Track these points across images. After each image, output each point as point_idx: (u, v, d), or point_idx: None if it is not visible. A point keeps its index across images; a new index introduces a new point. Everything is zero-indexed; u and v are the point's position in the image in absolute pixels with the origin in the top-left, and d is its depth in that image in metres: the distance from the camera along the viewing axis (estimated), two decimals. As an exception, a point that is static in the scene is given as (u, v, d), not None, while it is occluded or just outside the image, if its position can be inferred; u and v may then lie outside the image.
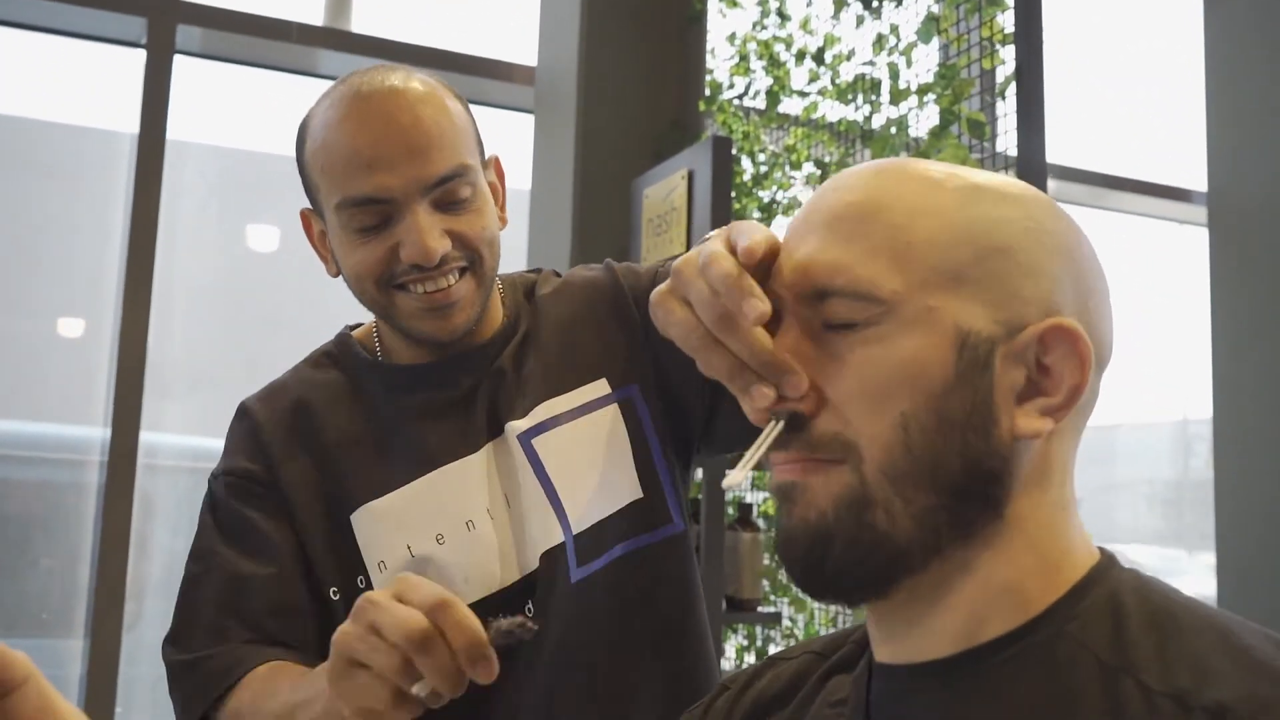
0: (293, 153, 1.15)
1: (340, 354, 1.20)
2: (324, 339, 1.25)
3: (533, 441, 1.12)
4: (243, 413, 1.18)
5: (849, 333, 0.63)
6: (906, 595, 0.65)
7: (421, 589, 0.73)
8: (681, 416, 1.19)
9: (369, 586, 1.09)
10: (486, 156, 1.15)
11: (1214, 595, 3.67)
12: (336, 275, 1.13)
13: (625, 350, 1.18)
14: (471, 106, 1.15)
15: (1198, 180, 4.03)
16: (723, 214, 2.38)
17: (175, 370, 3.37)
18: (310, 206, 1.14)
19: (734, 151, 2.81)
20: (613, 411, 1.16)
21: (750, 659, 2.81)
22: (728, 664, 2.81)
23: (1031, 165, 1.93)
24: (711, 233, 0.75)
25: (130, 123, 2.84)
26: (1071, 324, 0.62)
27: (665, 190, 2.60)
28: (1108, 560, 0.67)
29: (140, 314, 2.72)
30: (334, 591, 1.10)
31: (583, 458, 1.13)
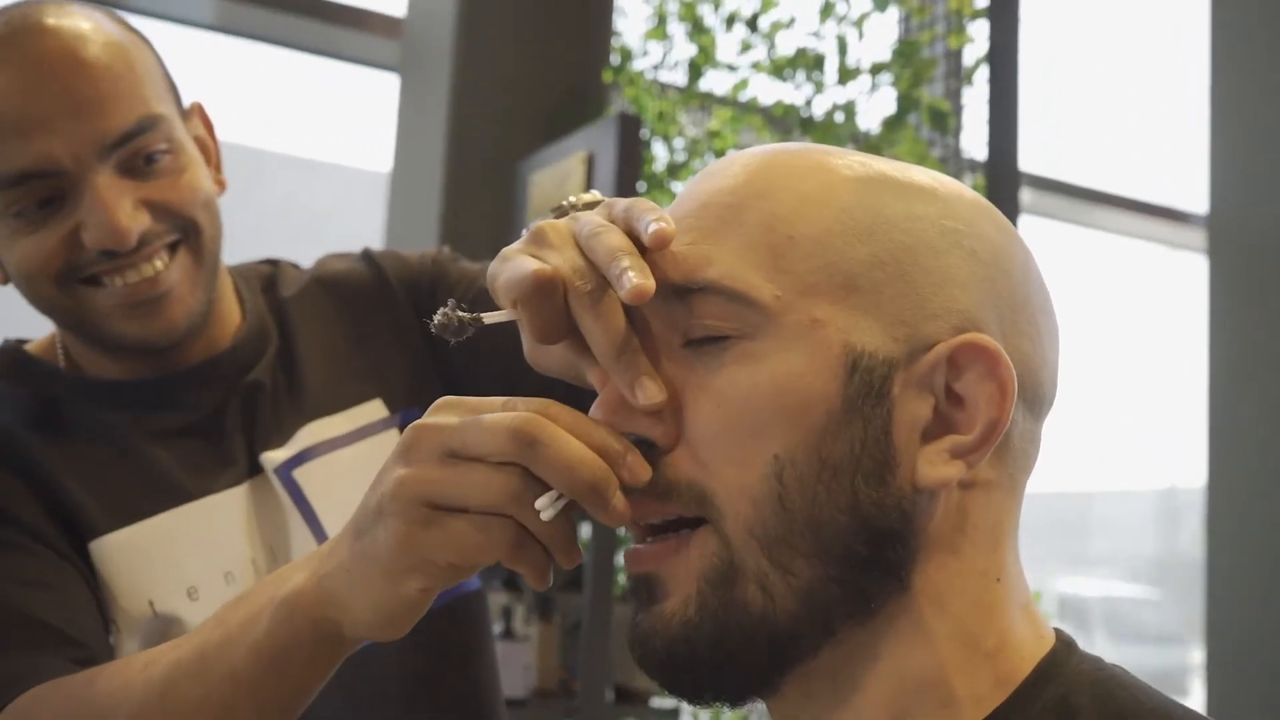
0: None
1: (13, 367, 1.10)
2: None
3: (293, 474, 1.07)
4: None
5: (715, 349, 0.61)
6: (800, 693, 0.63)
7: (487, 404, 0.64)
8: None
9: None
10: (186, 105, 1.09)
11: (1203, 702, 3.76)
12: (4, 282, 1.05)
13: (402, 363, 1.15)
14: (324, 60, 1.10)
15: (1195, 201, 4.17)
16: (627, 209, 2.38)
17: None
18: None
19: (645, 134, 2.82)
20: (391, 438, 1.12)
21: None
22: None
23: (1001, 163, 1.95)
24: (573, 202, 0.73)
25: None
26: (988, 341, 0.60)
27: (558, 176, 2.59)
28: (1063, 649, 0.65)
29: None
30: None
31: (356, 495, 1.06)
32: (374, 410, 1.13)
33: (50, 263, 0.99)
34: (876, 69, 2.16)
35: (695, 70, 2.70)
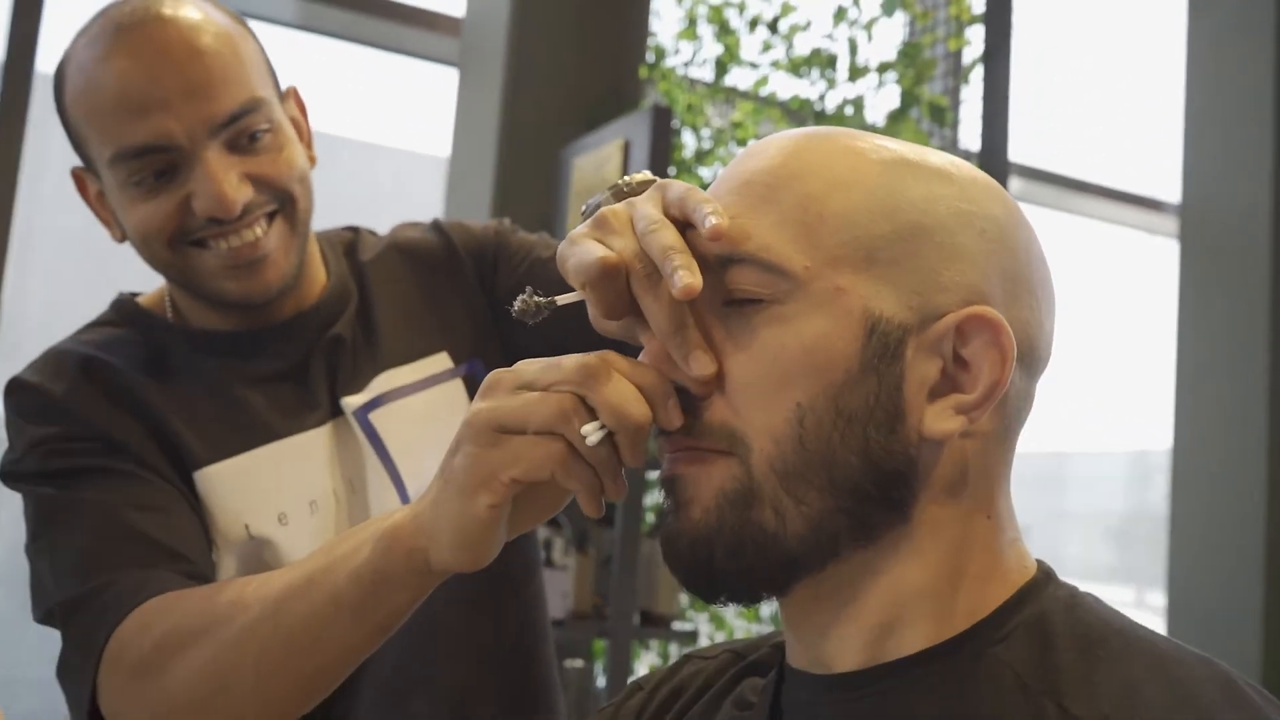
0: None
1: (128, 317, 1.12)
2: None
3: (369, 417, 1.09)
4: (17, 387, 1.08)
5: (751, 310, 0.63)
6: (809, 596, 0.65)
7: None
8: None
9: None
10: (284, 89, 1.11)
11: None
12: (122, 240, 1.07)
13: (467, 322, 1.17)
14: (391, 55, 1.12)
15: (1171, 191, 4.15)
16: (659, 190, 2.40)
17: (28, 330, 3.30)
18: (81, 164, 1.06)
19: (676, 124, 2.83)
20: (456, 387, 1.14)
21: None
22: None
23: (993, 154, 1.97)
24: (628, 181, 0.74)
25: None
26: (993, 314, 0.61)
27: (598, 161, 2.61)
28: (1043, 576, 0.67)
29: (-6, 263, 2.66)
30: None
31: (425, 435, 1.09)
32: (440, 362, 1.15)
33: (165, 226, 1.01)
34: (883, 68, 2.18)
35: (721, 67, 2.71)
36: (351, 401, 1.09)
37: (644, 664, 2.84)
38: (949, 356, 0.62)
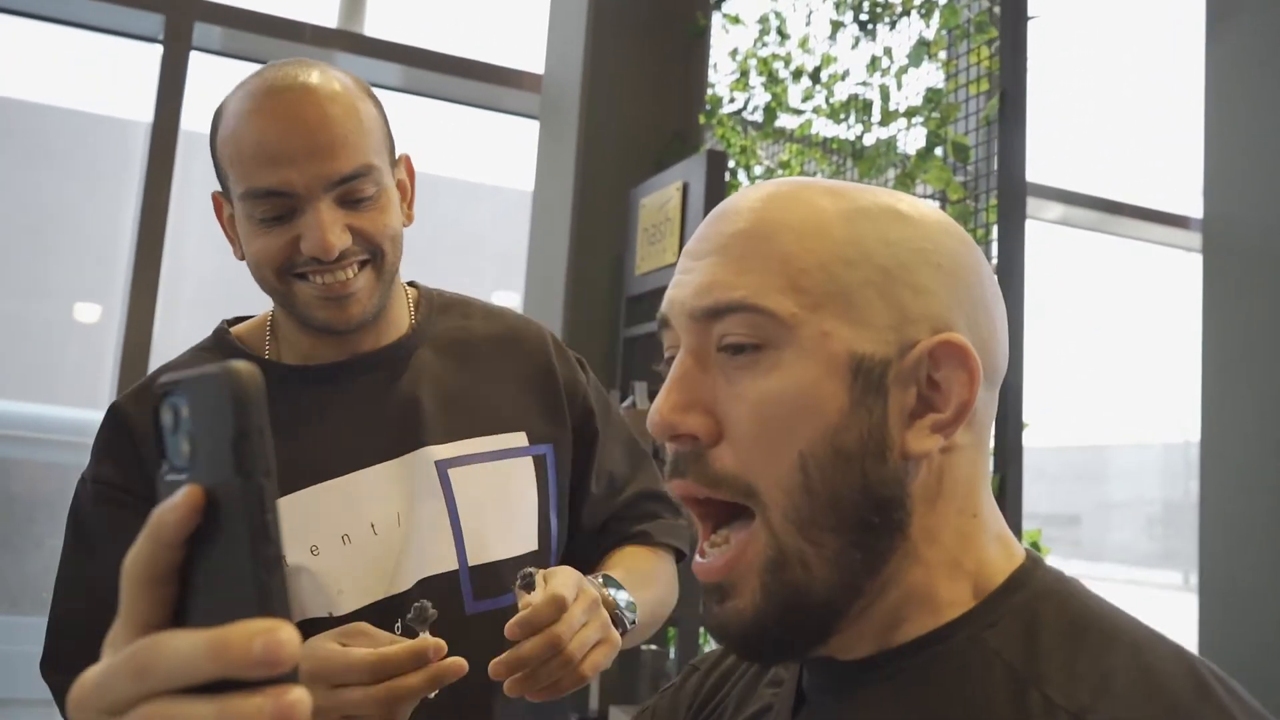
0: None
1: (223, 345, 1.17)
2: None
3: (449, 471, 1.12)
4: (112, 413, 1.12)
5: (748, 361, 0.62)
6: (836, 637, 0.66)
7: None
8: (568, 494, 1.23)
9: None
10: (398, 155, 1.16)
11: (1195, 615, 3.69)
12: (243, 259, 1.13)
13: (546, 414, 1.21)
14: (480, 111, 1.17)
15: (1195, 208, 4.05)
16: (715, 225, 2.42)
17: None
18: (221, 190, 1.13)
19: (731, 165, 2.85)
20: (526, 464, 1.18)
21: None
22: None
23: (1011, 186, 1.96)
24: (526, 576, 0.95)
25: (145, 113, 2.89)
26: (959, 339, 0.61)
27: (661, 200, 2.63)
28: (1030, 564, 0.66)
29: (147, 301, 2.77)
30: None
31: (491, 499, 1.14)
32: (518, 439, 1.18)
33: (275, 258, 1.07)
34: (910, 113, 2.17)
35: (770, 113, 2.72)
36: (437, 451, 1.12)
37: (711, 644, 2.85)
38: (923, 382, 0.62)
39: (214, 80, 3.14)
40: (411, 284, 1.26)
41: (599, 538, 1.25)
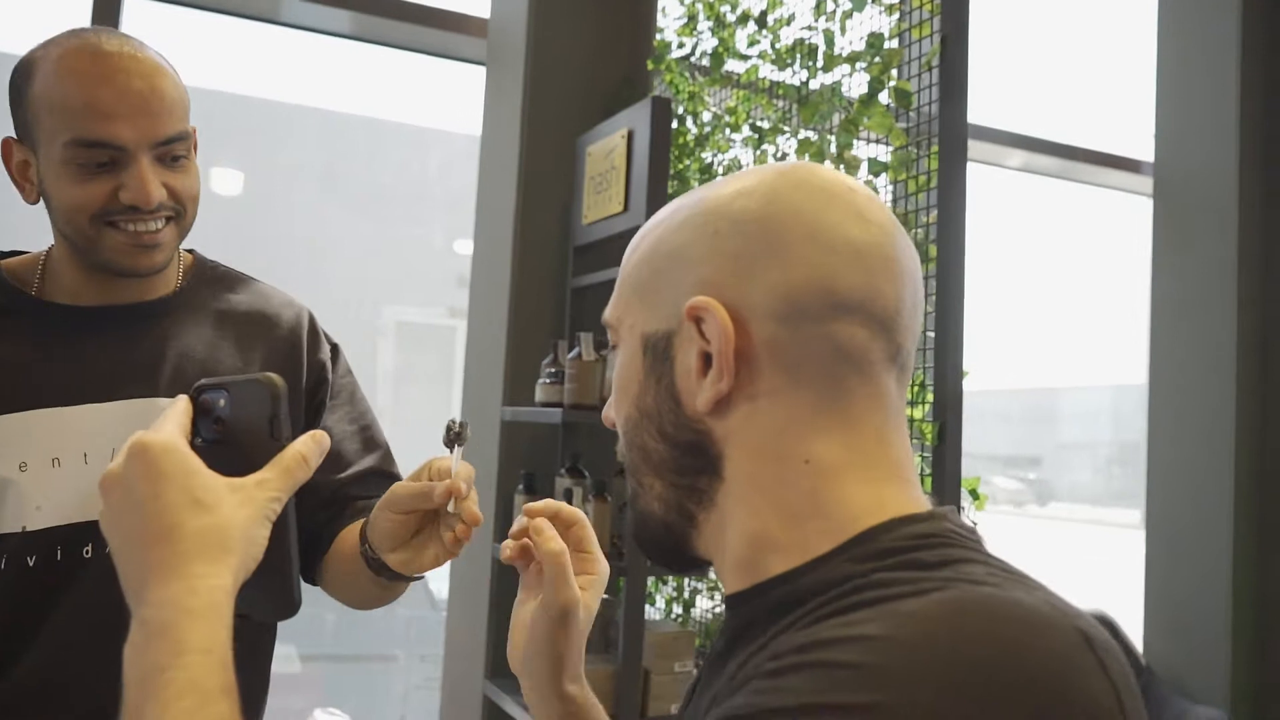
0: (244, 95, 1.21)
1: None
2: (293, 279, 1.30)
3: None
4: None
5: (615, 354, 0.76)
6: (708, 557, 0.73)
7: None
8: None
9: None
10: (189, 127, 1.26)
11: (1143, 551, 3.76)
12: (35, 203, 1.22)
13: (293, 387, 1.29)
14: (427, 57, 1.24)
15: (1147, 151, 4.06)
16: (660, 174, 2.40)
17: None
18: (15, 136, 1.21)
19: (680, 112, 2.82)
20: None
21: (678, 610, 2.86)
22: (657, 614, 2.87)
23: (953, 131, 1.95)
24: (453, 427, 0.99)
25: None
26: (699, 300, 0.67)
27: (606, 149, 2.60)
28: (903, 521, 0.64)
29: None
30: None
31: None
32: None
33: (92, 205, 1.16)
34: (853, 57, 2.15)
35: (717, 59, 2.69)
36: (164, 405, 1.22)
37: (662, 597, 2.87)
38: (700, 342, 0.68)
39: (153, 26, 3.04)
40: (190, 252, 1.37)
41: (328, 510, 1.33)
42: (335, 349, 1.41)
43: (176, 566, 0.63)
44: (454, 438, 0.92)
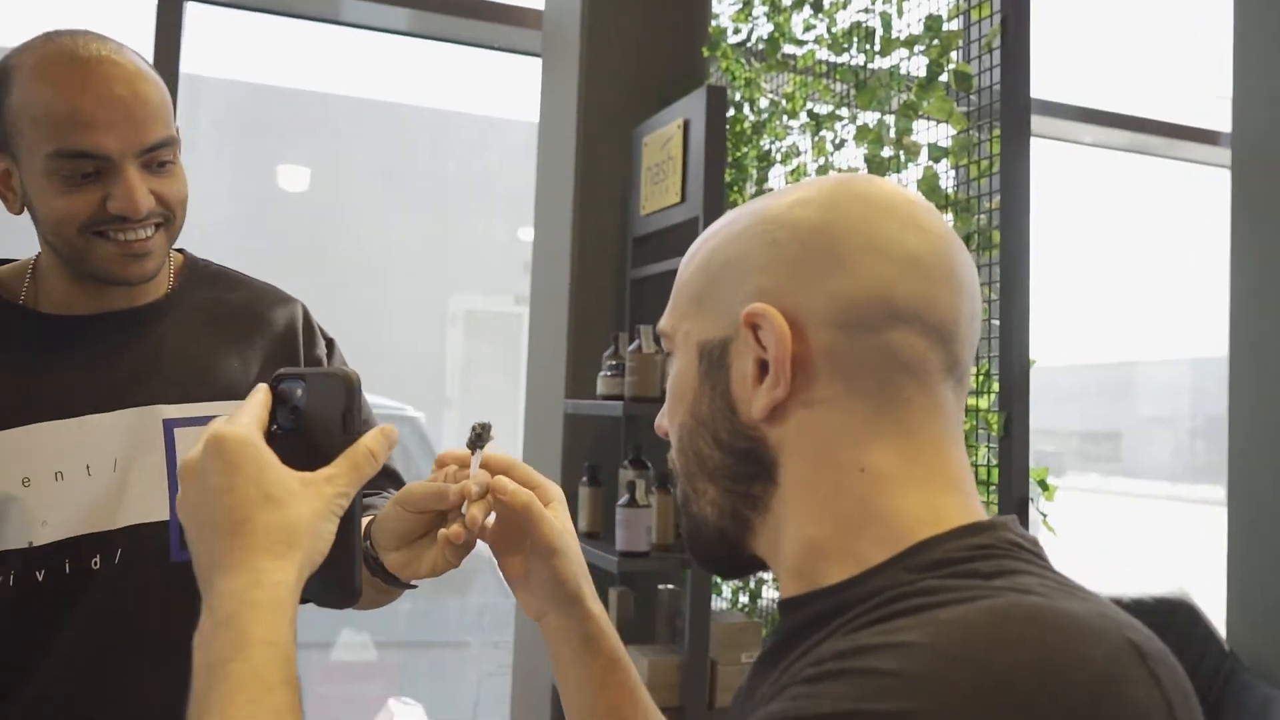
0: (308, 90, 1.20)
1: None
2: (361, 272, 1.29)
3: (175, 429, 1.21)
4: None
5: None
6: (765, 562, 0.73)
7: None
8: None
9: None
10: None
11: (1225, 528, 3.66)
12: (19, 213, 1.19)
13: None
14: (481, 50, 1.21)
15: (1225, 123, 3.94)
16: (717, 164, 2.38)
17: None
18: None
19: (736, 99, 2.79)
20: None
21: (744, 600, 2.85)
22: (723, 604, 2.86)
23: (1015, 113, 1.90)
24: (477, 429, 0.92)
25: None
26: (758, 306, 0.67)
27: (663, 139, 2.59)
28: (966, 530, 0.63)
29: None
30: None
31: None
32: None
33: (79, 215, 1.13)
34: (911, 41, 2.11)
35: (773, 44, 2.66)
36: (166, 411, 1.21)
37: (728, 587, 2.86)
38: (758, 349, 0.67)
39: (217, 30, 3.09)
40: (180, 251, 1.34)
41: None
42: (331, 343, 1.39)
43: (244, 560, 0.66)
44: (475, 439, 0.91)
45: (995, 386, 1.89)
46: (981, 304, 0.87)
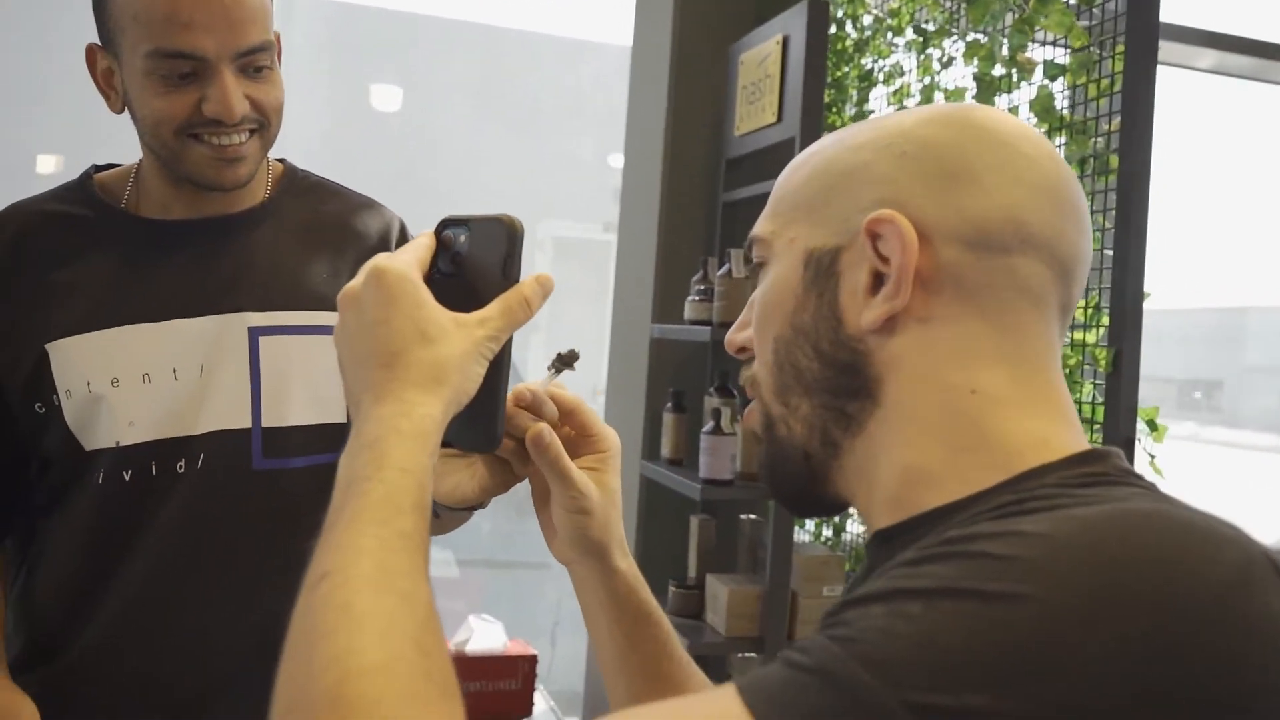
0: (401, 10, 1.19)
1: (83, 192, 1.26)
2: (449, 196, 1.27)
3: (260, 337, 1.22)
4: None
5: (761, 276, 0.73)
6: (849, 494, 0.69)
7: None
8: None
9: (58, 407, 1.17)
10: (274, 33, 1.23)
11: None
12: (120, 112, 1.20)
13: None
14: None
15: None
16: (817, 83, 2.28)
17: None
18: (99, 43, 1.19)
19: (839, 15, 2.68)
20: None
21: (828, 533, 2.81)
22: (806, 536, 2.82)
23: (1142, 30, 1.78)
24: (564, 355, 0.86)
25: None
26: (886, 212, 0.64)
27: (760, 56, 2.49)
28: (1076, 458, 0.61)
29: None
30: (39, 406, 1.18)
31: (296, 369, 1.23)
32: (333, 319, 1.24)
33: (176, 117, 1.14)
34: (1030, -51, 1.98)
35: (880, -44, 2.53)
36: (252, 318, 1.22)
37: (811, 520, 2.82)
38: (874, 259, 0.65)
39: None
40: (281, 161, 1.34)
41: None
42: None
43: (395, 390, 0.67)
44: (559, 360, 0.87)
45: (1105, 320, 1.79)
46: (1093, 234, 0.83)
